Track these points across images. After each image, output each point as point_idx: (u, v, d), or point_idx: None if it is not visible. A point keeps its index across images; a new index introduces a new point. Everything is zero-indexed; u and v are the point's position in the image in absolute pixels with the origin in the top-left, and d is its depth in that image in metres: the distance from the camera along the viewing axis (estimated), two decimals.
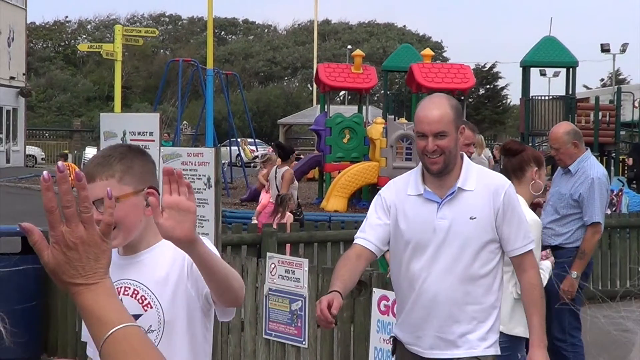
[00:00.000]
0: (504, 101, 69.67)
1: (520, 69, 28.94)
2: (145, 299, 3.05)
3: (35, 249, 1.77)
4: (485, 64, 67.72)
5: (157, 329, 3.02)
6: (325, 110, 24.58)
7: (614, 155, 29.26)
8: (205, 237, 2.90)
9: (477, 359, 4.23)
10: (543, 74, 52.00)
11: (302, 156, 29.37)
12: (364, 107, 25.48)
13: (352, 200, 22.24)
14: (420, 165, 4.35)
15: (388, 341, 5.28)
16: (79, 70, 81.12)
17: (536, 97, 28.94)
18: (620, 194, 16.74)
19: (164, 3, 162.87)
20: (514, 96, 72.11)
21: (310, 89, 70.82)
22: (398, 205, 4.32)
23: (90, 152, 34.74)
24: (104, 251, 1.79)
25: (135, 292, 3.05)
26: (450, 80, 23.28)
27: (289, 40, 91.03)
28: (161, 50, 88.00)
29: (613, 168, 28.02)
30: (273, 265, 6.14)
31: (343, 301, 4.07)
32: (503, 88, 69.10)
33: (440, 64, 29.13)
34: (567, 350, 7.09)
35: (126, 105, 56.01)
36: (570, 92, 28.01)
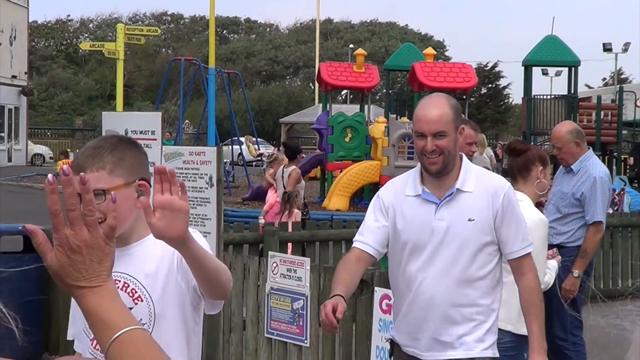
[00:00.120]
0: (506, 100, 69.62)
1: (522, 68, 28.91)
2: (136, 292, 3.03)
3: (39, 251, 1.77)
4: (487, 63, 67.74)
5: (148, 322, 2.99)
6: (327, 109, 24.57)
7: (615, 154, 29.24)
8: (195, 231, 2.87)
9: None
10: (545, 73, 52.05)
11: (304, 155, 29.35)
12: (366, 106, 25.46)
13: (354, 199, 22.24)
14: (418, 165, 4.31)
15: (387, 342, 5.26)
16: (81, 69, 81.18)
17: (538, 97, 28.92)
18: (622, 193, 16.73)
19: (166, 2, 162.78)
20: (516, 95, 71.98)
21: (312, 88, 70.77)
22: (396, 206, 4.28)
23: None
24: (108, 254, 1.80)
25: (126, 285, 3.03)
26: (452, 80, 23.27)
27: (291, 39, 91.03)
28: (163, 49, 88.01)
29: (615, 167, 28.00)
30: (275, 264, 6.14)
31: (346, 304, 4.07)
32: (505, 87, 69.08)
33: (442, 63, 29.14)
34: (569, 349, 7.08)
35: (128, 104, 55.99)
36: (572, 92, 27.99)
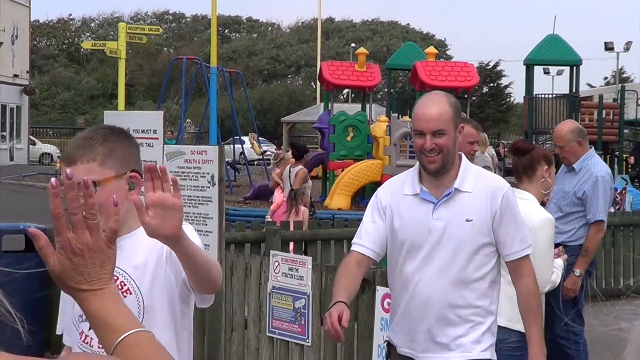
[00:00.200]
0: (508, 99, 69.63)
1: (524, 67, 28.92)
2: (125, 285, 3.01)
3: (41, 254, 1.78)
4: (489, 62, 67.77)
5: (137, 315, 2.96)
6: (329, 108, 24.59)
7: (617, 153, 29.24)
8: (187, 224, 2.82)
9: None
10: (547, 72, 51.97)
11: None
12: (367, 105, 25.47)
13: (356, 198, 22.25)
14: (417, 164, 4.26)
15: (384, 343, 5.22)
16: (82, 68, 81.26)
17: (540, 96, 28.93)
18: (623, 192, 16.72)
19: (167, 1, 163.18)
20: (517, 94, 71.93)
21: (314, 87, 70.78)
22: (394, 206, 4.23)
23: None
24: (109, 257, 1.81)
25: (115, 278, 3.01)
26: (453, 79, 23.28)
27: (293, 38, 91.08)
28: (165, 48, 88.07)
29: (617, 166, 28.00)
30: (277, 263, 6.13)
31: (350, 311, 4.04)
32: (507, 86, 69.11)
33: (444, 62, 29.14)
34: (571, 348, 7.08)
35: (130, 103, 56.01)
36: (574, 91, 27.99)
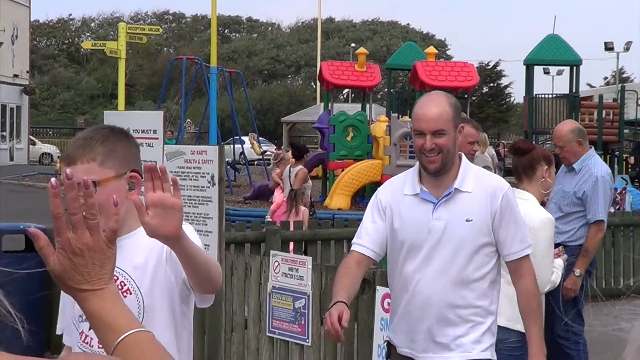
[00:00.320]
0: (508, 99, 69.63)
1: (524, 67, 28.92)
2: (125, 285, 3.00)
3: (41, 254, 1.78)
4: (489, 62, 67.76)
5: (137, 315, 2.95)
6: (329, 108, 24.59)
7: (617, 153, 29.24)
8: (187, 224, 2.82)
9: None
10: (547, 72, 51.98)
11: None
12: (367, 105, 25.46)
13: (356, 198, 22.25)
14: (417, 164, 4.25)
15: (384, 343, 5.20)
16: (82, 68, 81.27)
17: (540, 96, 28.93)
18: (623, 192, 16.72)
19: (167, 1, 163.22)
20: (517, 94, 71.92)
21: (314, 87, 70.79)
22: (394, 206, 4.23)
23: None
24: (109, 257, 1.82)
25: (115, 278, 2.99)
26: (453, 79, 23.28)
27: (293, 38, 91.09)
28: (165, 48, 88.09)
29: (617, 166, 28.00)
30: (277, 263, 6.13)
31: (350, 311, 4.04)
32: (507, 86, 69.11)
33: (444, 62, 29.15)
34: (571, 348, 7.08)
35: (130, 103, 56.01)
36: (574, 91, 27.99)
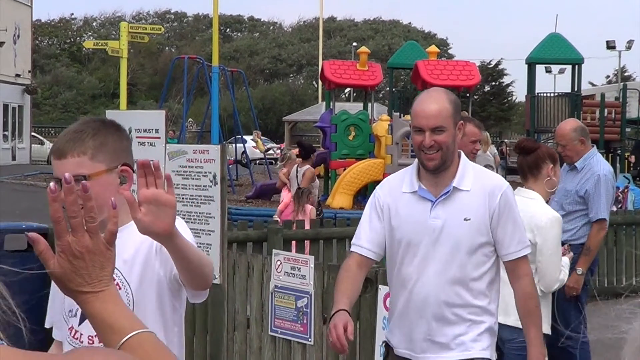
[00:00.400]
0: (510, 98, 69.64)
1: (526, 66, 28.91)
2: (114, 280, 2.97)
3: (41, 258, 1.80)
4: (491, 61, 67.77)
5: None
6: (331, 107, 24.58)
7: (619, 152, 29.22)
8: (179, 219, 2.78)
9: None
10: (548, 71, 52.00)
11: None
12: (369, 104, 25.47)
13: (358, 197, 22.24)
14: (416, 161, 4.21)
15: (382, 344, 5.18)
16: (84, 67, 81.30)
17: (542, 94, 28.92)
18: (626, 190, 16.72)
19: (169, 0, 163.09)
20: (519, 93, 72.20)
21: (316, 86, 70.84)
22: (391, 204, 4.19)
23: None
24: (109, 259, 1.84)
25: None
26: (455, 77, 23.28)
27: (294, 37, 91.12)
28: (166, 48, 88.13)
29: (619, 165, 27.98)
30: (279, 263, 6.13)
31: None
32: (508, 85, 69.14)
33: (446, 61, 29.12)
34: (573, 347, 7.07)
35: (132, 102, 56.01)
36: (575, 89, 27.98)
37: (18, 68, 45.66)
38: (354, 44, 66.45)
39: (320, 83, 44.69)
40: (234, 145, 30.96)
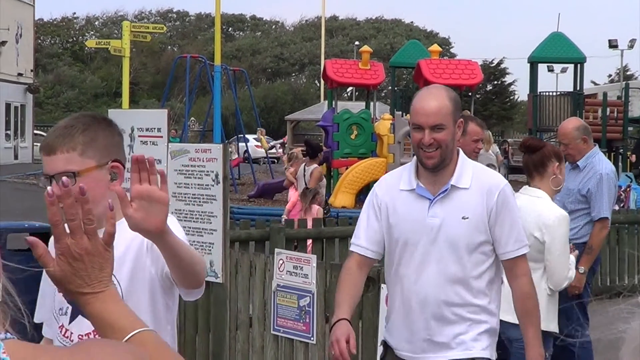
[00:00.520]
0: (512, 97, 69.53)
1: (528, 64, 28.91)
2: None
3: (41, 262, 1.82)
4: (493, 59, 67.61)
5: None
6: (333, 106, 24.57)
7: (621, 151, 29.21)
8: (171, 217, 2.74)
9: None
10: (551, 70, 52.00)
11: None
12: (371, 103, 25.47)
13: (360, 196, 22.20)
14: (414, 159, 4.15)
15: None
16: (86, 66, 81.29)
17: (544, 93, 28.92)
18: (628, 189, 16.73)
19: None
20: (521, 92, 72.12)
21: (318, 85, 70.79)
22: (389, 202, 4.13)
23: None
24: (107, 260, 1.86)
25: None
26: (457, 76, 23.29)
27: (297, 36, 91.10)
28: (169, 47, 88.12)
29: (621, 164, 27.97)
30: (281, 262, 6.13)
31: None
32: (511, 84, 69.01)
33: (448, 60, 29.12)
34: (575, 346, 7.07)
35: (134, 101, 56.04)
36: (578, 88, 27.98)
37: (20, 67, 45.69)
38: (356, 43, 66.47)
39: (322, 82, 44.64)
40: (238, 144, 30.90)
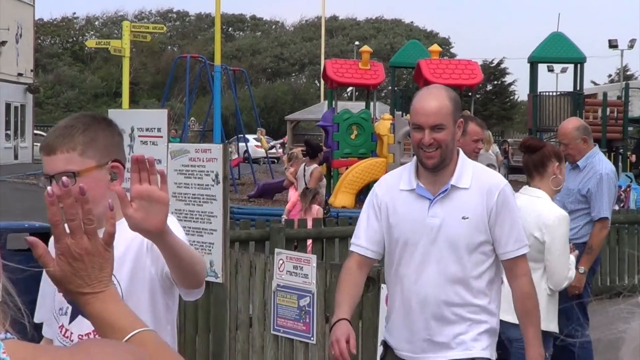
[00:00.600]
0: (512, 97, 69.53)
1: (528, 64, 28.91)
2: None
3: (41, 262, 1.83)
4: (493, 59, 67.60)
5: None
6: (333, 106, 24.57)
7: (621, 151, 29.22)
8: (171, 217, 2.74)
9: None
10: (551, 70, 52.00)
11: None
12: (371, 103, 25.47)
13: (360, 196, 22.20)
14: (414, 159, 4.14)
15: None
16: (86, 66, 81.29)
17: (544, 93, 28.92)
18: (628, 189, 16.73)
19: None
20: (521, 92, 72.11)
21: (318, 85, 70.79)
22: (389, 202, 4.12)
23: None
24: (107, 260, 1.86)
25: None
26: (457, 76, 23.29)
27: (297, 36, 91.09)
28: (169, 47, 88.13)
29: (621, 164, 27.97)
30: (281, 262, 6.13)
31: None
32: (511, 84, 69.00)
33: (448, 60, 29.12)
34: (575, 346, 7.07)
35: (134, 101, 56.03)
36: (578, 88, 27.98)
37: (20, 67, 45.69)
38: (356, 43, 66.47)
39: (322, 82, 44.65)
40: (238, 144, 30.90)
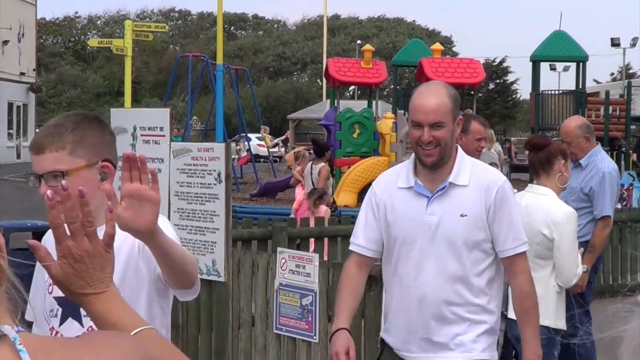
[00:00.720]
0: (514, 96, 69.48)
1: (530, 63, 28.88)
2: None
3: (42, 264, 1.84)
4: (495, 58, 67.60)
5: None
6: (335, 105, 24.57)
7: (624, 149, 29.19)
8: (162, 217, 2.69)
9: None
10: (553, 69, 51.96)
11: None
12: (373, 102, 25.46)
13: (362, 195, 22.18)
14: (413, 156, 4.13)
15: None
16: (89, 65, 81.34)
17: (546, 92, 28.90)
18: (630, 188, 16.73)
19: None
20: (523, 91, 71.85)
21: (320, 84, 70.79)
22: (387, 200, 4.11)
23: None
24: (108, 261, 1.90)
25: None
26: (460, 75, 23.29)
27: (299, 35, 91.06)
28: (171, 46, 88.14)
29: (623, 162, 27.93)
30: (284, 260, 6.13)
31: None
32: (513, 82, 68.97)
33: (450, 59, 29.13)
34: (578, 344, 7.06)
35: (136, 100, 56.07)
36: (580, 87, 27.96)
37: (22, 66, 45.74)
38: (358, 41, 66.40)
39: (324, 81, 44.66)
40: (246, 142, 30.83)
